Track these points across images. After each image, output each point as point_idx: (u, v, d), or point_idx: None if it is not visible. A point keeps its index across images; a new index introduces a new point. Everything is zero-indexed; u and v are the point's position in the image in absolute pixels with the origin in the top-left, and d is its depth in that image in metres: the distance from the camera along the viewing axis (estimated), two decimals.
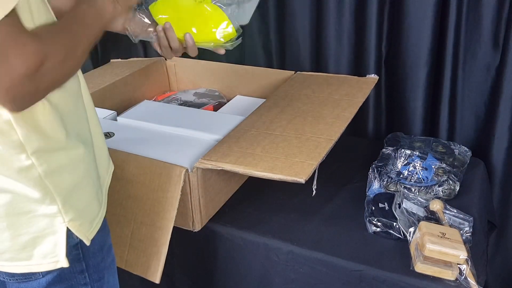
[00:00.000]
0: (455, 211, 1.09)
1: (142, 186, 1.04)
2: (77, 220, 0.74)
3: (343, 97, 1.28)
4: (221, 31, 0.94)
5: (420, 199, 1.12)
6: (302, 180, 0.93)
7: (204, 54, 1.73)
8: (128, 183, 1.06)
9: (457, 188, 1.19)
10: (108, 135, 1.21)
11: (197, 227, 1.10)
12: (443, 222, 1.04)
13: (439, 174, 1.20)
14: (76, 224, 0.74)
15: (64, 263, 0.73)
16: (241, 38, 0.94)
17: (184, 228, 1.10)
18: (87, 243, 0.76)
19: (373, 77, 1.37)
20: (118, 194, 1.05)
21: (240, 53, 1.60)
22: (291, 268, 1.07)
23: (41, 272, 0.73)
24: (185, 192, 1.04)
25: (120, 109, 1.42)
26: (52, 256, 0.73)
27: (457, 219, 1.07)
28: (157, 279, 0.99)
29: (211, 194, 1.12)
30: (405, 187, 1.18)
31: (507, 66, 1.29)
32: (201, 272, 1.21)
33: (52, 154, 0.70)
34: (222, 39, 0.94)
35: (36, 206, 0.70)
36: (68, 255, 0.74)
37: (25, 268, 0.73)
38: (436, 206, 1.09)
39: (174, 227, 1.08)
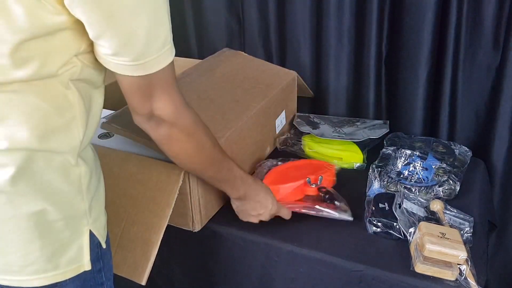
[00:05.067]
0: (456, 211, 1.09)
1: (139, 184, 1.04)
2: (97, 222, 0.75)
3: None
4: None
5: (420, 199, 1.12)
6: None
7: (204, 53, 1.74)
8: (125, 181, 1.05)
9: (458, 188, 1.19)
10: (108, 135, 1.21)
11: (197, 227, 1.10)
12: (443, 222, 1.04)
13: (440, 174, 1.20)
14: (97, 226, 0.75)
15: (87, 266, 0.73)
16: None
17: (184, 228, 1.10)
18: (104, 245, 0.76)
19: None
20: (112, 193, 1.04)
21: None
22: (291, 268, 1.07)
23: (68, 279, 0.72)
24: (185, 192, 1.04)
25: (120, 109, 1.41)
26: (77, 261, 0.72)
27: (457, 219, 1.07)
28: (143, 281, 0.96)
29: (211, 194, 1.11)
30: (405, 187, 1.18)
31: (508, 66, 1.29)
32: (201, 272, 1.21)
33: (85, 153, 0.74)
34: None
35: (69, 208, 0.70)
36: (93, 254, 0.74)
37: (51, 279, 0.70)
38: (436, 206, 1.09)
39: (174, 227, 1.08)
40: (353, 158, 1.34)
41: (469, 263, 0.94)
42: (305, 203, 1.15)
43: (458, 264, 0.94)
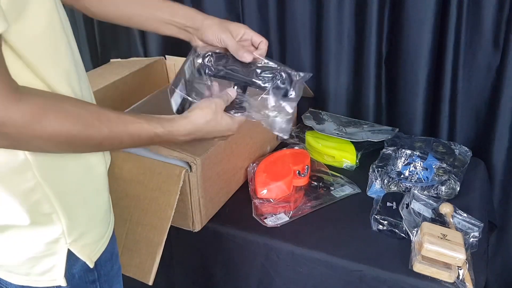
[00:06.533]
0: (465, 215, 1.08)
1: (140, 185, 1.04)
2: (81, 240, 0.71)
3: None
4: None
5: (430, 201, 1.11)
6: None
7: None
8: (126, 182, 1.05)
9: (458, 188, 1.19)
10: None
11: (197, 227, 1.10)
12: (450, 225, 1.04)
13: (440, 174, 1.20)
14: (80, 244, 0.71)
15: (62, 282, 0.70)
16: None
17: (184, 228, 1.10)
18: (91, 265, 0.73)
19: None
20: (115, 193, 1.03)
21: None
22: (291, 268, 1.07)
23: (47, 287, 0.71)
24: (185, 192, 1.04)
25: (120, 109, 1.41)
26: (50, 276, 0.70)
27: (466, 224, 1.06)
28: (150, 281, 0.97)
29: (211, 194, 1.11)
30: (405, 188, 1.18)
31: (508, 66, 1.29)
32: (201, 272, 1.21)
33: (60, 170, 0.67)
34: None
35: (39, 227, 0.67)
36: (80, 266, 0.72)
37: (24, 281, 0.71)
38: (445, 209, 1.08)
39: (174, 227, 1.08)
40: (345, 157, 1.34)
41: (468, 266, 0.94)
42: (310, 202, 1.17)
43: (458, 267, 0.94)
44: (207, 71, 0.90)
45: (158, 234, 0.99)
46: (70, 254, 0.70)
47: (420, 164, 1.22)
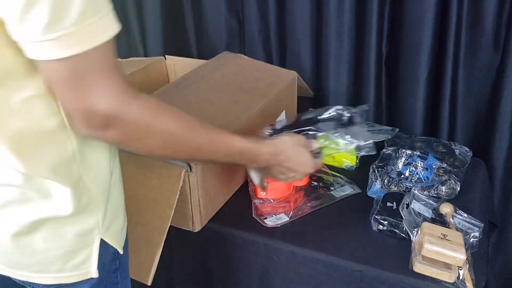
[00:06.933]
0: (466, 215, 1.08)
1: (140, 185, 1.04)
2: (111, 229, 0.73)
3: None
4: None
5: (431, 201, 1.11)
6: None
7: (204, 53, 1.74)
8: (126, 182, 1.05)
9: (458, 188, 1.19)
10: None
11: (197, 227, 1.10)
12: (450, 225, 1.04)
13: (440, 174, 1.20)
14: (110, 232, 0.73)
15: (94, 273, 0.72)
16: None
17: (184, 228, 1.10)
18: (121, 251, 0.76)
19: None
20: None
21: (240, 53, 1.60)
22: (291, 268, 1.07)
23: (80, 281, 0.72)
24: (185, 192, 1.04)
25: None
26: (84, 268, 0.72)
27: (466, 224, 1.06)
28: (149, 281, 0.97)
29: (211, 194, 1.11)
30: (406, 188, 1.18)
31: (508, 66, 1.29)
32: (201, 272, 1.20)
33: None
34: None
35: (78, 218, 0.69)
36: (109, 256, 0.74)
37: (55, 280, 0.71)
38: (445, 209, 1.08)
39: (174, 227, 1.07)
40: (345, 157, 1.33)
41: (468, 266, 0.94)
42: (310, 202, 1.16)
43: (458, 267, 0.94)
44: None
45: (158, 234, 0.98)
46: (102, 244, 0.72)
47: (420, 164, 1.22)
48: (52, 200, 0.66)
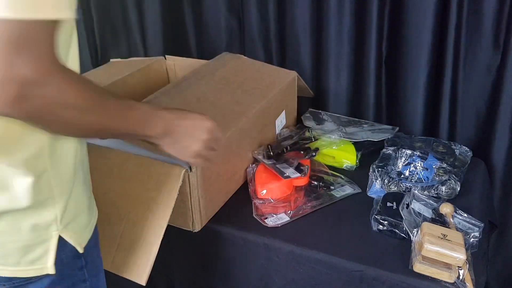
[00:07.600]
0: (466, 215, 1.08)
1: (139, 185, 1.04)
2: (71, 226, 0.73)
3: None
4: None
5: (431, 201, 1.11)
6: None
7: (204, 53, 1.74)
8: (126, 182, 1.05)
9: (458, 188, 1.19)
10: None
11: (197, 227, 1.10)
12: (450, 225, 1.04)
13: (440, 174, 1.20)
14: (69, 230, 0.73)
15: (50, 270, 0.72)
16: None
17: (184, 228, 1.10)
18: (80, 250, 0.75)
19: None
20: (113, 193, 1.04)
21: (240, 53, 1.60)
22: (291, 268, 1.07)
23: (39, 276, 0.72)
24: (185, 192, 1.04)
25: None
26: (40, 263, 0.71)
27: (466, 224, 1.06)
28: (143, 281, 0.96)
29: (211, 194, 1.11)
30: (406, 188, 1.18)
31: (508, 66, 1.29)
32: (201, 272, 1.20)
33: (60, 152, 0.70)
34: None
35: (35, 211, 0.69)
36: (69, 252, 0.73)
37: (12, 273, 0.71)
38: (445, 209, 1.08)
39: (174, 227, 1.07)
40: (345, 157, 1.34)
41: (468, 266, 0.94)
42: (310, 202, 1.16)
43: (458, 267, 0.94)
44: None
45: (155, 234, 0.98)
46: (60, 241, 0.72)
47: (420, 164, 1.22)
48: (10, 192, 0.66)
